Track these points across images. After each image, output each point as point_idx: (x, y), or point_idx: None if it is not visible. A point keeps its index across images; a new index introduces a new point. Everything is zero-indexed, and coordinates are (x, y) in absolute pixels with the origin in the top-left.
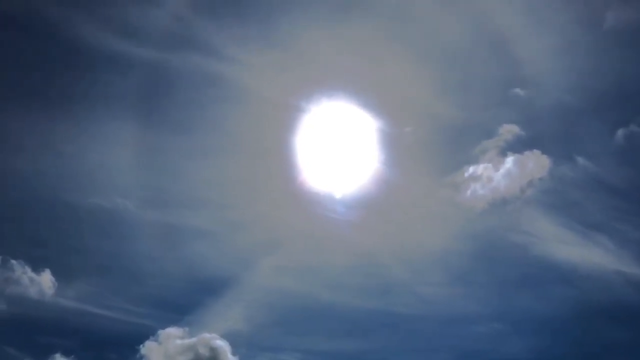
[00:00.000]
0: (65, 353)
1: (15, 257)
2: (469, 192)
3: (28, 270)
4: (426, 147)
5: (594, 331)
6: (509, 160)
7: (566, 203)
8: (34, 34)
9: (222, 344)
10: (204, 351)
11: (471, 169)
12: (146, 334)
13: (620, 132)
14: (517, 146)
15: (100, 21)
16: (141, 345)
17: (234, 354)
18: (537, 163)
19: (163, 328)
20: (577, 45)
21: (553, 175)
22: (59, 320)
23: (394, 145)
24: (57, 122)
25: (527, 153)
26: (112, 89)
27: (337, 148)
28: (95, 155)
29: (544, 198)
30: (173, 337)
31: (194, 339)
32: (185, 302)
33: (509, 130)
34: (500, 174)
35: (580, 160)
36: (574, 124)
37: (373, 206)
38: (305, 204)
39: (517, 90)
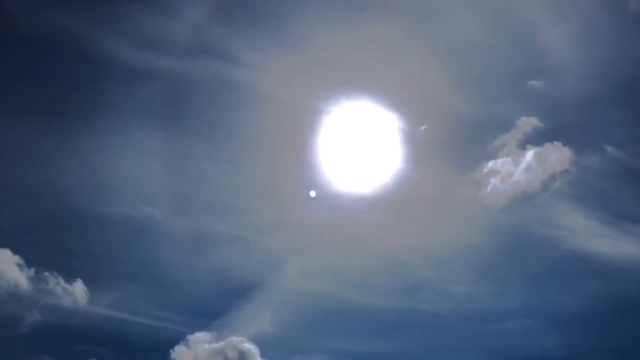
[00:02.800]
0: (99, 359)
1: (47, 268)
2: (489, 188)
3: (61, 280)
4: (444, 145)
5: (630, 326)
6: (529, 154)
7: (596, 194)
8: (57, 51)
9: (250, 347)
10: (232, 355)
11: (490, 165)
12: (176, 339)
13: None
14: (536, 139)
15: (120, 34)
16: (171, 350)
17: (262, 357)
18: (558, 155)
19: (192, 333)
20: (599, 32)
21: (579, 167)
22: (92, 328)
23: (412, 143)
24: (83, 135)
25: (547, 145)
26: (134, 99)
27: (357, 148)
28: (120, 165)
29: (571, 190)
30: (202, 341)
31: (222, 343)
32: (213, 307)
33: (528, 123)
34: (520, 168)
35: (609, 149)
36: (599, 112)
37: (395, 205)
38: (328, 205)
39: (535, 82)
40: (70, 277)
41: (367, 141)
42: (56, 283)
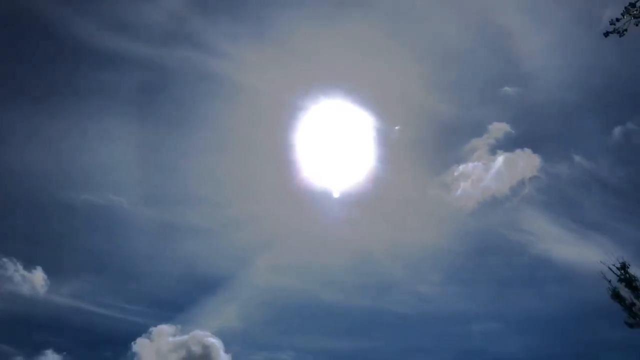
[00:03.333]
0: (57, 350)
1: (6, 254)
2: (459, 191)
3: (20, 267)
4: (416, 145)
5: (591, 330)
6: (499, 159)
7: (563, 201)
8: (29, 32)
9: (214, 342)
10: (196, 348)
11: (461, 168)
12: (138, 330)
13: (617, 130)
14: (507, 145)
15: (95, 18)
16: (133, 342)
17: (226, 351)
18: (527, 162)
19: (155, 325)
20: (573, 44)
21: (547, 174)
22: (51, 317)
23: (385, 143)
24: (50, 119)
25: (517, 152)
26: (106, 85)
27: (331, 145)
28: (89, 151)
29: (539, 196)
30: (165, 334)
31: (185, 337)
32: (178, 300)
33: (499, 129)
34: (490, 173)
35: (577, 158)
36: (569, 122)
37: (366, 204)
38: (299, 201)
39: (508, 88)
40: (29, 264)
41: (342, 138)
42: (15, 270)
